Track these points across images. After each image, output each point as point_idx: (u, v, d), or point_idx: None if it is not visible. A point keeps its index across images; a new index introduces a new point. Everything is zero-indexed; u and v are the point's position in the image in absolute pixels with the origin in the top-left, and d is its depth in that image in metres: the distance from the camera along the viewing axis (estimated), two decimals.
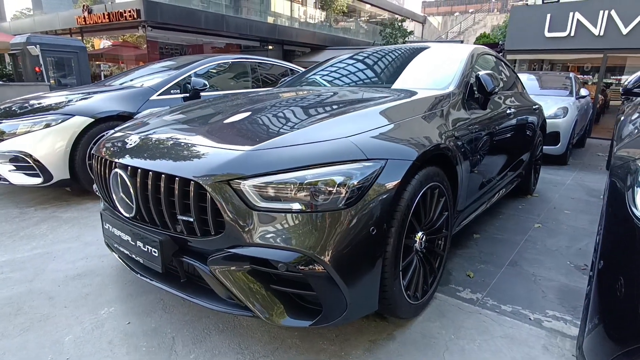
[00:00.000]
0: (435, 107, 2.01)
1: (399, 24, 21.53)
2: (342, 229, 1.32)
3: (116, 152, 1.64)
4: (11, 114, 3.35)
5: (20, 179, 3.18)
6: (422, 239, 1.69)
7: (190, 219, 1.38)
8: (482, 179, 2.41)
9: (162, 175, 1.40)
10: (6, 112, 3.40)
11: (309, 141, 1.42)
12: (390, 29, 21.42)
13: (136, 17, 14.41)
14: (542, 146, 4.07)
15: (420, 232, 1.68)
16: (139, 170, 1.47)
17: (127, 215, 1.58)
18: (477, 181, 2.35)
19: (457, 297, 1.99)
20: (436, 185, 1.72)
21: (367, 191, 1.37)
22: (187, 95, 3.99)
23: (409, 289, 1.66)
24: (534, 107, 3.60)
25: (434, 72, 2.59)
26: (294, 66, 5.64)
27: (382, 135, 1.55)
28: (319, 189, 1.30)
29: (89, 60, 13.23)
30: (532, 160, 3.64)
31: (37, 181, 3.18)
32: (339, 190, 1.32)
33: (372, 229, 1.38)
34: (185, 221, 1.40)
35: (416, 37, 30.57)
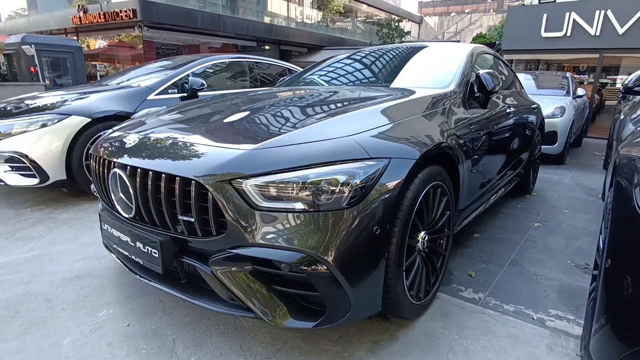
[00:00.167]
0: (436, 105, 2.00)
1: (396, 24, 21.56)
2: (346, 228, 1.31)
3: (115, 152, 1.61)
4: (6, 113, 3.31)
5: (16, 180, 3.13)
6: (425, 239, 1.68)
7: (191, 219, 1.36)
8: (482, 178, 2.41)
9: (163, 175, 1.38)
10: (1, 112, 3.35)
11: (311, 140, 1.41)
12: (387, 29, 21.45)
13: (132, 16, 14.34)
14: (541, 145, 4.07)
15: (422, 232, 1.66)
16: (139, 170, 1.45)
17: (127, 215, 1.56)
18: (478, 180, 2.34)
19: (459, 296, 1.98)
20: (438, 184, 1.71)
21: (371, 190, 1.35)
22: (185, 95, 3.95)
23: (412, 289, 1.64)
24: (533, 107, 3.61)
25: (434, 71, 2.58)
26: (292, 66, 5.61)
27: (385, 133, 1.54)
28: (321, 188, 1.28)
29: (84, 60, 13.13)
30: (531, 159, 3.64)
31: (33, 182, 3.14)
32: (342, 189, 1.30)
33: (376, 228, 1.36)
34: (186, 221, 1.38)
35: (413, 37, 30.60)
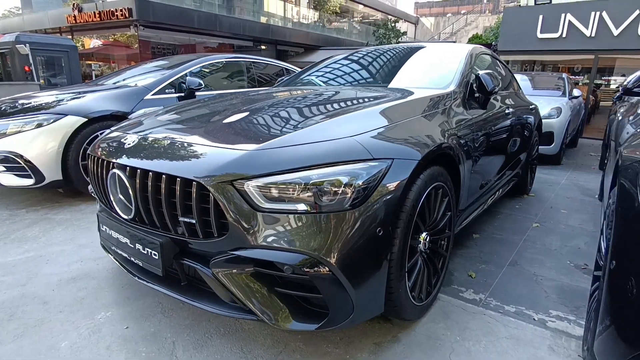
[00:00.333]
0: (437, 106, 1.99)
1: (392, 25, 21.61)
2: (348, 230, 1.30)
3: (114, 152, 1.59)
4: (1, 113, 3.27)
5: (10, 180, 3.09)
6: (426, 240, 1.67)
7: (192, 221, 1.34)
8: (482, 178, 2.41)
9: (163, 175, 1.36)
10: None
11: (313, 141, 1.40)
12: (383, 29, 21.48)
13: (128, 16, 14.26)
14: (538, 146, 4.09)
15: (424, 233, 1.66)
16: (139, 170, 1.43)
17: (126, 217, 1.54)
18: (478, 181, 2.34)
19: (460, 297, 1.97)
20: (440, 185, 1.71)
21: (373, 192, 1.34)
22: (182, 94, 3.93)
23: (414, 290, 1.64)
24: (531, 107, 3.62)
25: (435, 72, 2.58)
26: (289, 66, 5.60)
27: (387, 134, 1.53)
28: (324, 189, 1.27)
29: (79, 59, 13.03)
30: (529, 159, 3.65)
31: (29, 182, 3.10)
32: (344, 190, 1.29)
33: (379, 229, 1.35)
34: (186, 223, 1.36)
35: (409, 37, 30.70)
